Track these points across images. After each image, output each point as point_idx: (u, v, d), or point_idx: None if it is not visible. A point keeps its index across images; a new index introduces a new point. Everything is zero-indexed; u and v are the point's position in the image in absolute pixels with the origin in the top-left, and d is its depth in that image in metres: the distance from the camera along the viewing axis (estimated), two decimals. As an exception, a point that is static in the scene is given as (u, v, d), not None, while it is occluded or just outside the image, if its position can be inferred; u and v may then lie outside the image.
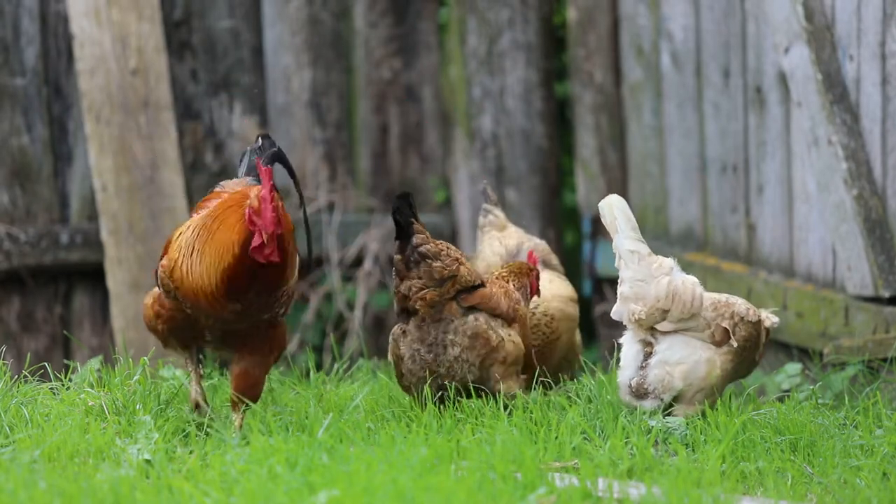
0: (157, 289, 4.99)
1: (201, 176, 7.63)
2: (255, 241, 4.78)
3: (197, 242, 4.86)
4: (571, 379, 5.67)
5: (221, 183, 5.21)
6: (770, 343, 6.69)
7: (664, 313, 5.21)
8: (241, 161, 5.33)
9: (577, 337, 5.81)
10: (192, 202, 7.53)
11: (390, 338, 5.21)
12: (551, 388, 5.43)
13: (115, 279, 7.27)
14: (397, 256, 5.12)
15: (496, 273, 5.42)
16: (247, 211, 4.80)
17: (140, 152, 7.31)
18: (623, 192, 7.50)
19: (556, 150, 7.98)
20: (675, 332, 5.24)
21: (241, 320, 4.92)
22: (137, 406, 5.05)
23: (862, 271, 6.18)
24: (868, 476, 4.54)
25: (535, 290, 5.47)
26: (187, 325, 4.97)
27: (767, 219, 6.85)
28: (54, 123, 7.31)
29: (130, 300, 7.27)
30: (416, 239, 5.10)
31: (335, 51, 7.79)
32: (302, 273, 5.08)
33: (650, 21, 7.46)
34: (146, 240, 7.33)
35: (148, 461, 4.55)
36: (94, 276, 7.34)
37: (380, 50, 7.85)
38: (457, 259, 5.15)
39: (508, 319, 5.24)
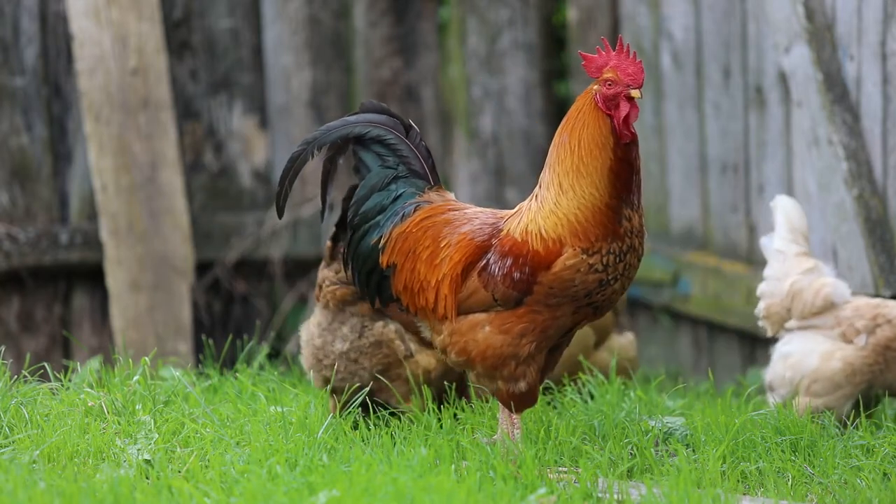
0: (483, 317, 4.48)
1: (201, 176, 7.62)
2: (623, 110, 4.34)
3: (560, 169, 4.45)
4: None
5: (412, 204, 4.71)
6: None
7: (788, 311, 5.29)
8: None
9: (595, 356, 5.67)
10: (192, 202, 7.52)
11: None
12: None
13: (115, 279, 7.26)
14: (328, 243, 4.98)
15: None
16: (596, 98, 4.38)
17: (140, 152, 7.30)
18: (623, 192, 7.49)
19: (557, 149, 7.97)
20: (804, 329, 5.31)
21: (638, 257, 4.45)
22: (137, 406, 5.04)
23: (862, 271, 6.18)
24: (869, 476, 4.54)
25: None
26: (556, 321, 4.49)
27: (768, 219, 6.84)
28: (54, 123, 7.31)
29: (130, 300, 7.26)
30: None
31: (335, 50, 7.78)
32: None
33: (650, 21, 7.46)
34: (146, 240, 7.32)
35: (148, 461, 4.55)
36: (93, 276, 7.34)
37: (380, 50, 7.84)
38: None
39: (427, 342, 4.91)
